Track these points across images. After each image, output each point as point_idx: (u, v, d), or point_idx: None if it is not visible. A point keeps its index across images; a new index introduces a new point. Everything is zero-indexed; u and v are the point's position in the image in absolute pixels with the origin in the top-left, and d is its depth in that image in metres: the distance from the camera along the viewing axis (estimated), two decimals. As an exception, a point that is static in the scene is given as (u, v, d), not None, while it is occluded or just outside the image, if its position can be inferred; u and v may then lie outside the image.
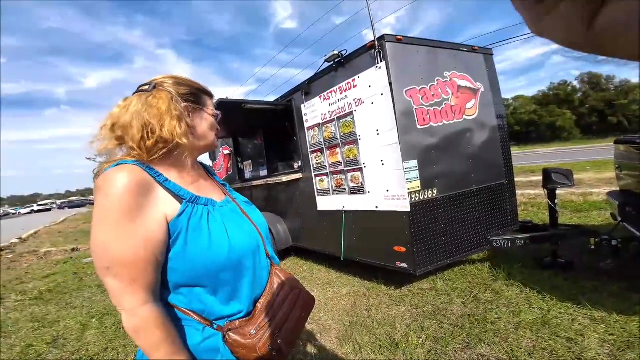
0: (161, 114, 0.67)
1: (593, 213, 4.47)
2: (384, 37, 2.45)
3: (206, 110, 0.79)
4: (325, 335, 2.22)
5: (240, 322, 0.71)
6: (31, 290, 4.15)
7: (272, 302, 0.76)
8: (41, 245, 8.49)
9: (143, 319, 0.59)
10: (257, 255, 0.78)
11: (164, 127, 0.67)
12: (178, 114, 0.70)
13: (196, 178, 0.79)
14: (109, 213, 0.59)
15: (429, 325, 2.12)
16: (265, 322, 0.72)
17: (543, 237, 2.76)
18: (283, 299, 0.78)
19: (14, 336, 2.72)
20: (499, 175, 3.01)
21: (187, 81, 0.77)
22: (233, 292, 0.72)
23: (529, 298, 2.27)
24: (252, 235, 0.79)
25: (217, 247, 0.67)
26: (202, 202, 0.72)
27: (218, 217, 0.72)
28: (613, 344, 1.70)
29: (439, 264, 2.57)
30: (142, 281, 0.60)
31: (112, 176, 0.60)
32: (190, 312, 0.68)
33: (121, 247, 0.58)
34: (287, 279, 0.83)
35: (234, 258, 0.70)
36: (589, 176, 7.34)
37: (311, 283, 3.25)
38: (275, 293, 0.78)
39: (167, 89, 0.72)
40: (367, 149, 2.70)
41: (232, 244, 0.70)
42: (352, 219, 2.99)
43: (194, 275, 0.67)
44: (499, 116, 3.08)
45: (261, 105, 3.74)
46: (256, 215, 0.88)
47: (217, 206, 0.76)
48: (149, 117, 0.67)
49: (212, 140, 0.81)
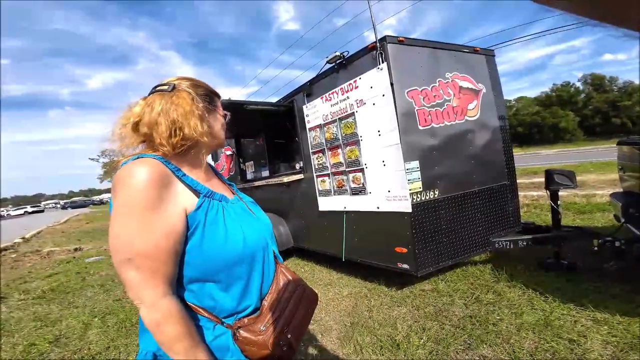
0: (186, 113, 0.70)
1: (596, 214, 4.44)
2: (385, 39, 2.45)
3: (218, 111, 0.83)
4: (327, 336, 2.22)
5: (249, 320, 0.71)
6: (34, 289, 4.17)
7: (279, 299, 0.77)
8: (44, 245, 8.54)
9: (164, 312, 0.59)
10: (266, 252, 0.80)
11: (190, 125, 0.70)
12: (200, 113, 0.73)
13: (209, 176, 0.83)
14: (131, 205, 0.59)
15: (431, 326, 2.12)
16: (274, 318, 0.73)
17: (545, 239, 2.75)
18: (289, 296, 0.79)
19: (16, 335, 2.73)
20: (501, 177, 3.00)
21: (202, 83, 0.81)
22: (245, 287, 0.73)
23: (531, 299, 2.26)
24: (261, 232, 0.81)
25: (233, 240, 0.69)
26: (217, 198, 0.74)
27: (232, 213, 0.74)
28: (616, 345, 1.69)
29: (441, 265, 2.56)
30: (163, 273, 0.60)
31: (134, 169, 0.61)
32: (201, 309, 0.68)
33: (144, 238, 0.59)
34: (292, 275, 0.84)
35: (247, 252, 0.72)
36: (592, 177, 7.29)
37: (312, 284, 3.25)
38: (281, 290, 0.79)
39: (186, 90, 0.74)
40: (368, 150, 2.70)
41: (247, 238, 0.72)
42: (353, 220, 2.99)
43: (208, 269, 0.68)
44: (501, 117, 3.07)
45: (263, 107, 3.76)
46: (262, 215, 0.90)
47: (230, 203, 0.78)
48: (176, 115, 0.69)
49: (222, 140, 0.85)
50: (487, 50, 3.14)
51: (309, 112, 3.34)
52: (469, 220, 2.73)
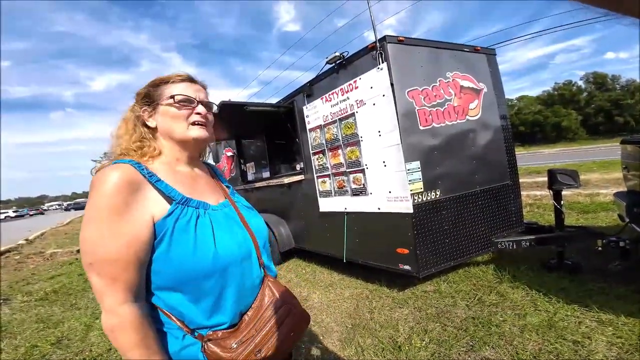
0: (120, 134, 0.75)
1: (600, 214, 4.40)
2: (385, 38, 2.44)
3: (161, 103, 0.73)
4: (327, 338, 2.21)
5: (223, 333, 0.68)
6: (37, 291, 4.19)
7: (260, 316, 0.72)
8: (47, 247, 8.58)
9: (120, 320, 0.59)
10: (246, 265, 0.74)
11: (128, 140, 0.74)
12: (128, 127, 0.75)
13: (193, 179, 0.78)
14: (97, 210, 0.59)
15: (433, 328, 2.10)
16: (249, 336, 0.69)
17: (549, 239, 2.72)
18: (272, 313, 0.73)
19: (19, 337, 2.74)
20: (503, 176, 2.98)
21: (147, 84, 0.78)
22: (215, 303, 0.68)
23: (535, 300, 2.24)
24: (243, 242, 0.75)
25: (201, 252, 0.65)
26: (193, 205, 0.70)
27: (207, 221, 0.69)
28: (621, 347, 1.66)
29: (443, 266, 2.54)
30: (123, 280, 0.59)
31: (105, 174, 0.61)
32: (172, 316, 0.66)
33: (105, 244, 0.58)
34: (280, 292, 0.77)
35: (218, 265, 0.67)
36: (596, 177, 7.23)
37: (313, 285, 3.24)
38: (264, 306, 0.74)
39: (132, 104, 0.78)
40: (369, 150, 2.69)
41: (217, 250, 0.67)
42: (354, 221, 2.98)
43: (176, 279, 0.65)
44: (503, 116, 3.05)
45: (263, 108, 3.76)
46: (255, 221, 0.84)
47: (210, 209, 0.73)
48: (118, 131, 0.76)
49: (182, 132, 0.74)
50: (488, 50, 3.12)
51: (309, 113, 3.34)
52: (471, 220, 2.70)
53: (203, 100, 0.76)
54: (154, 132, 0.76)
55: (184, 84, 0.75)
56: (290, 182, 3.77)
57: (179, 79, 0.75)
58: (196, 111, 0.74)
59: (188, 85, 0.75)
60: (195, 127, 0.74)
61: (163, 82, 0.75)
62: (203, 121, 0.75)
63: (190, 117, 0.74)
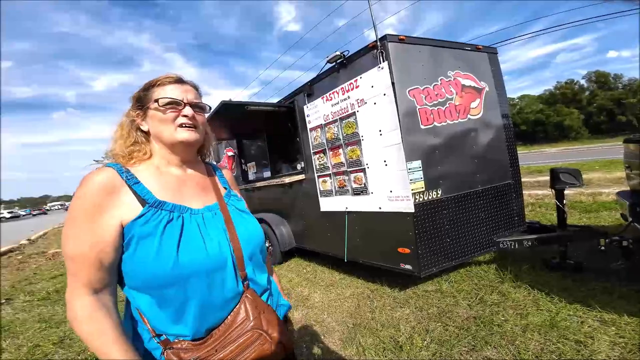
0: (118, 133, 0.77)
1: (603, 213, 4.38)
2: (386, 37, 2.43)
3: (150, 107, 0.73)
4: (329, 337, 2.20)
5: (188, 344, 0.65)
6: (39, 290, 4.21)
7: (227, 334, 0.67)
8: (49, 246, 8.62)
9: (74, 313, 0.61)
10: (217, 277, 0.69)
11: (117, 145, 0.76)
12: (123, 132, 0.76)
13: (181, 182, 0.77)
14: (72, 211, 0.63)
15: (434, 328, 2.10)
16: (208, 354, 0.64)
17: (551, 238, 2.71)
18: (239, 334, 0.67)
19: (21, 336, 2.75)
20: (505, 175, 2.97)
21: (140, 87, 0.78)
22: (177, 313, 0.66)
23: (537, 300, 2.23)
24: (216, 252, 0.69)
25: (162, 259, 0.63)
26: (167, 208, 0.68)
27: (177, 227, 0.67)
28: (624, 346, 1.65)
29: (444, 266, 2.53)
30: (82, 277, 0.62)
31: (85, 179, 0.65)
32: (143, 316, 0.67)
33: (72, 242, 0.62)
34: (255, 312, 0.70)
35: (177, 275, 0.64)
36: (598, 176, 7.20)
37: (314, 284, 3.24)
38: (234, 325, 0.68)
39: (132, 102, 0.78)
40: (370, 150, 2.68)
41: (179, 258, 0.64)
42: (355, 220, 2.97)
43: (141, 282, 0.65)
44: (505, 115, 3.04)
45: (264, 107, 3.75)
46: (246, 228, 0.78)
47: (188, 214, 0.71)
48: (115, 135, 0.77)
49: (169, 136, 0.73)
50: (490, 48, 3.11)
51: (309, 112, 3.33)
52: (472, 220, 2.69)
53: (191, 102, 0.75)
54: (147, 135, 0.77)
55: (171, 86, 0.74)
56: (291, 182, 3.77)
57: (167, 80, 0.74)
58: (183, 113, 0.73)
59: (176, 86, 0.74)
60: (182, 130, 0.73)
61: (152, 85, 0.74)
62: (190, 123, 0.74)
63: (177, 120, 0.73)
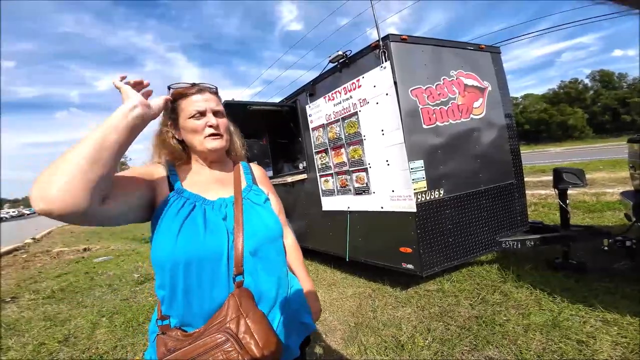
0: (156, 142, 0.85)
1: (606, 213, 4.35)
2: (388, 37, 2.43)
3: (179, 119, 0.81)
4: (331, 336, 2.21)
5: (181, 334, 0.66)
6: (44, 289, 4.25)
7: (206, 331, 0.65)
8: (54, 245, 8.70)
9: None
10: (207, 267, 0.68)
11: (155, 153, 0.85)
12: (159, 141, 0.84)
13: (208, 177, 0.84)
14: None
15: (436, 327, 2.10)
16: (182, 346, 0.63)
17: (554, 238, 2.70)
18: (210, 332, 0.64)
19: (26, 334, 2.78)
20: (507, 175, 2.96)
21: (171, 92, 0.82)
22: (169, 298, 0.69)
23: (539, 300, 2.22)
24: (212, 243, 0.69)
25: (164, 241, 0.68)
26: (185, 196, 0.75)
27: (184, 213, 0.71)
28: (626, 346, 1.65)
29: (446, 265, 2.53)
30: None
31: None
32: (157, 297, 0.74)
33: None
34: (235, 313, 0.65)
35: (172, 258, 0.67)
36: (602, 175, 7.15)
37: (316, 284, 3.24)
38: (213, 323, 0.65)
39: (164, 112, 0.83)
40: (372, 149, 2.69)
41: (177, 243, 0.67)
42: (357, 220, 2.98)
43: (154, 261, 0.70)
44: (508, 115, 3.03)
45: (266, 107, 3.77)
46: (257, 222, 0.77)
47: (200, 203, 0.75)
48: (154, 142, 0.86)
49: (199, 145, 0.79)
50: (493, 48, 3.10)
51: (312, 112, 3.34)
52: (475, 219, 2.69)
53: (213, 110, 0.81)
54: (182, 142, 0.85)
55: (195, 97, 0.80)
56: (293, 181, 3.78)
57: (191, 92, 0.80)
58: (208, 124, 0.79)
59: (199, 96, 0.80)
60: (210, 139, 0.79)
61: (180, 96, 0.80)
62: (216, 132, 0.80)
63: (205, 130, 0.79)
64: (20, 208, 74.09)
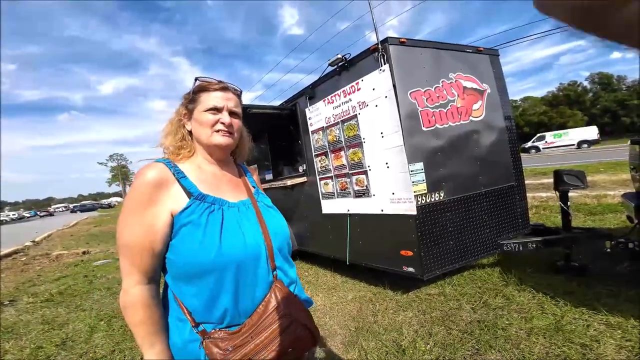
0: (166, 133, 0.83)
1: (608, 215, 4.33)
2: (387, 40, 2.44)
3: (195, 110, 0.81)
4: (331, 341, 2.19)
5: (225, 333, 0.69)
6: (42, 292, 4.23)
7: (260, 322, 0.70)
8: (53, 248, 8.67)
9: (131, 298, 0.67)
10: (251, 266, 0.73)
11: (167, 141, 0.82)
12: (172, 128, 0.83)
13: (217, 178, 0.83)
14: (128, 201, 0.70)
15: (437, 331, 2.07)
16: (244, 342, 0.68)
17: (556, 241, 2.68)
18: (270, 322, 0.70)
19: (24, 338, 2.76)
20: (508, 177, 2.95)
21: (193, 88, 0.82)
22: (214, 300, 0.70)
23: (542, 303, 2.20)
24: (252, 243, 0.74)
25: (206, 247, 0.68)
26: (209, 201, 0.74)
27: (218, 218, 0.72)
28: (630, 350, 1.63)
29: (447, 269, 2.52)
30: (138, 265, 0.68)
31: (141, 171, 0.72)
32: (183, 305, 0.71)
33: (128, 231, 0.68)
34: (286, 301, 0.73)
35: (219, 263, 0.69)
36: (603, 178, 7.13)
37: (316, 287, 3.22)
38: (266, 313, 0.71)
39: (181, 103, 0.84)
40: (371, 152, 2.68)
41: (222, 247, 0.69)
42: (357, 223, 2.96)
43: (184, 270, 0.70)
44: (507, 117, 3.03)
45: (266, 110, 3.77)
46: (275, 222, 0.83)
47: (226, 206, 0.76)
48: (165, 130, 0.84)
49: (206, 139, 0.80)
50: (491, 50, 3.11)
51: (311, 115, 3.34)
52: (476, 222, 2.68)
53: (230, 109, 0.81)
54: (191, 134, 0.84)
55: (216, 93, 0.81)
56: (293, 184, 3.77)
57: (213, 87, 0.81)
58: (221, 120, 0.79)
59: (219, 94, 0.81)
60: (217, 135, 0.80)
61: (203, 89, 0.81)
62: (226, 130, 0.80)
63: (216, 125, 0.79)
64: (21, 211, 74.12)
